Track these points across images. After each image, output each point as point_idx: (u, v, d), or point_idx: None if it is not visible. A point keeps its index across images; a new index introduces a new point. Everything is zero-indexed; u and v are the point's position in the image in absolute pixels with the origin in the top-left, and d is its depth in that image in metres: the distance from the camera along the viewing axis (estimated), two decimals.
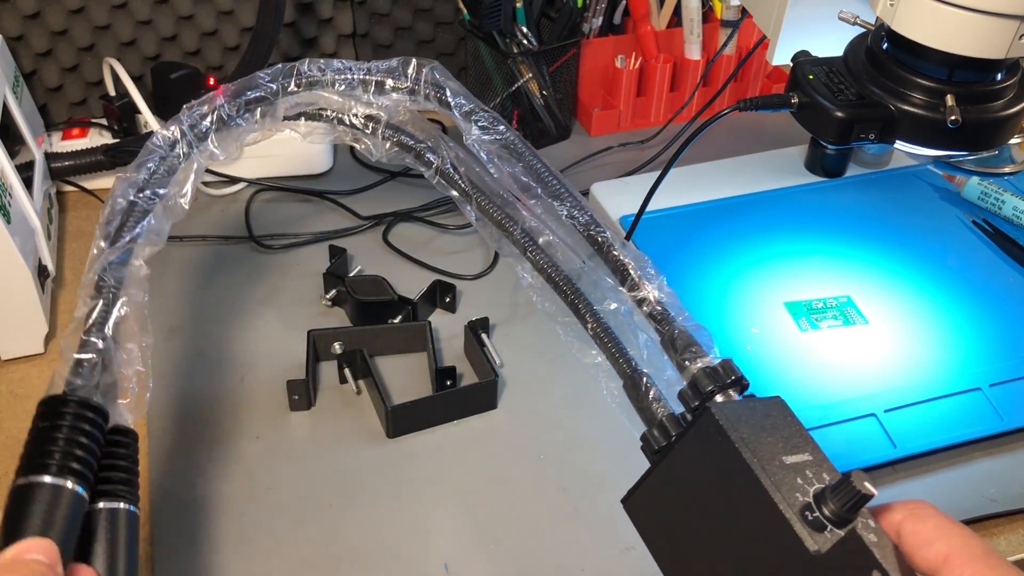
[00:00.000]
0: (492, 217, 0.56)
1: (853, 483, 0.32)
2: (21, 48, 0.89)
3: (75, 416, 0.39)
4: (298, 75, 0.56)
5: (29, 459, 0.38)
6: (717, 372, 0.42)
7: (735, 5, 0.94)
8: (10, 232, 0.67)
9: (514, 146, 0.56)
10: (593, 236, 0.53)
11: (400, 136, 0.59)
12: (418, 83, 0.57)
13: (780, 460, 0.35)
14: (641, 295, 0.49)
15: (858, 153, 0.90)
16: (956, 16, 0.54)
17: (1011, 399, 0.65)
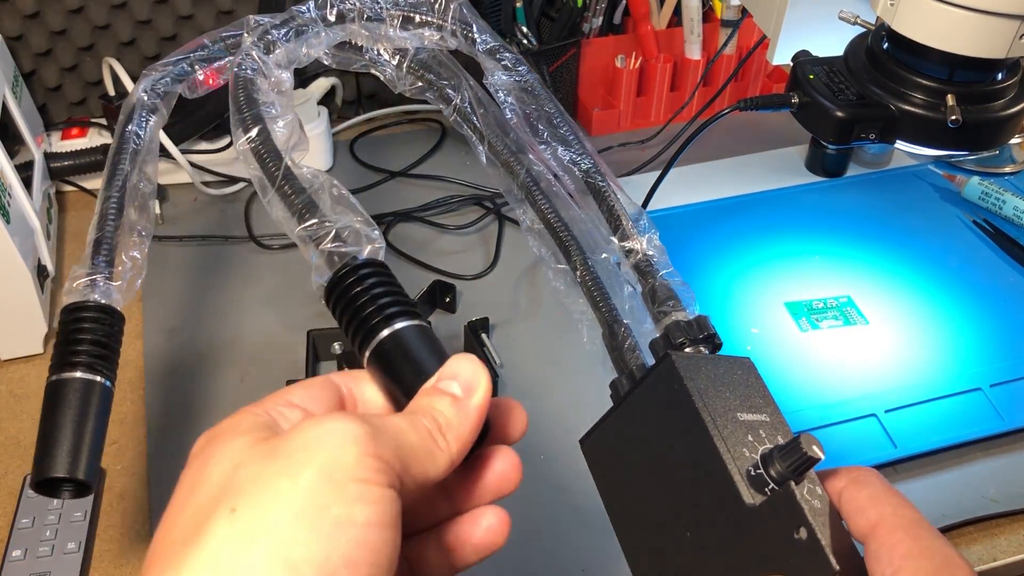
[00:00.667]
0: (501, 158, 0.57)
1: (801, 445, 0.32)
2: (21, 48, 0.89)
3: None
4: (330, 6, 0.57)
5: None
6: (691, 326, 0.43)
7: (735, 5, 0.94)
8: (9, 232, 0.67)
9: (532, 88, 0.57)
10: (592, 183, 0.53)
11: (424, 72, 0.59)
12: (445, 18, 0.58)
13: (734, 416, 0.35)
14: (630, 246, 0.50)
15: (858, 153, 0.90)
16: (956, 16, 0.54)
17: (1011, 399, 0.65)
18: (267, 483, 0.26)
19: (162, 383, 0.69)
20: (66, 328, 0.46)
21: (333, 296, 0.37)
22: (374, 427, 0.28)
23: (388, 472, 0.28)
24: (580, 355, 0.73)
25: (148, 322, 0.75)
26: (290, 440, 0.27)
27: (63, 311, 0.47)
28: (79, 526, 0.59)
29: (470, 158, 0.96)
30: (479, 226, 0.87)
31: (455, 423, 0.31)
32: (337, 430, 0.27)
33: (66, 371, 0.44)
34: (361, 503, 0.26)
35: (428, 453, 0.30)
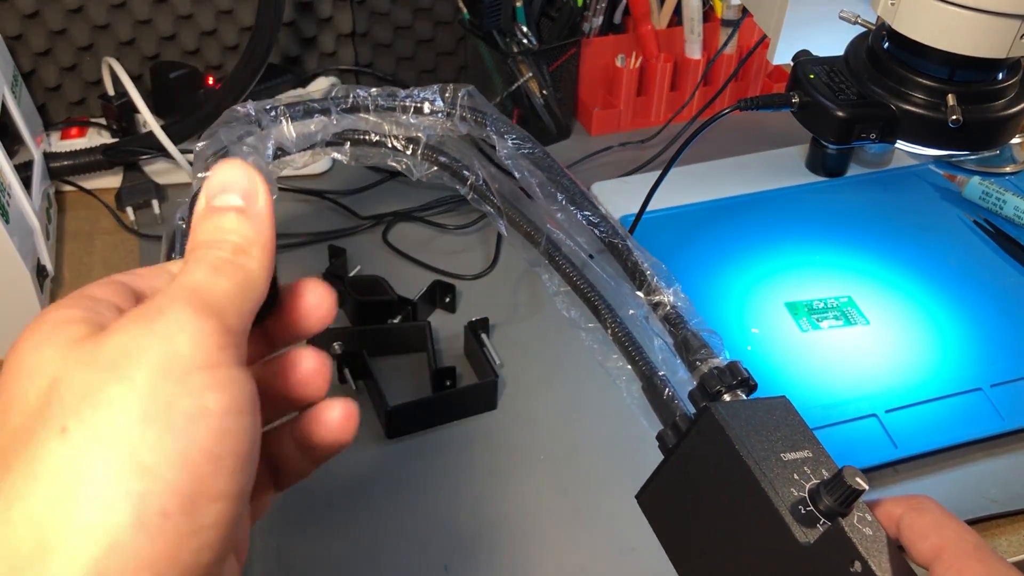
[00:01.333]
0: (521, 229, 0.60)
1: (845, 478, 0.34)
2: (20, 47, 0.89)
3: None
4: (345, 97, 0.61)
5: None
6: (724, 373, 0.44)
7: (736, 4, 0.94)
8: (9, 232, 0.67)
9: (541, 160, 0.60)
10: (613, 243, 0.55)
11: (438, 156, 0.63)
12: (454, 106, 0.62)
13: (777, 456, 0.37)
14: (657, 299, 0.51)
15: (859, 153, 0.90)
16: (957, 15, 0.54)
17: (1012, 399, 0.65)
18: (98, 394, 0.23)
19: None
20: None
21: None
22: (193, 298, 0.25)
23: (230, 343, 0.25)
24: (580, 355, 0.73)
25: None
26: (109, 343, 0.24)
27: None
28: None
29: None
30: (479, 226, 0.87)
31: (252, 234, 0.27)
32: (158, 322, 0.24)
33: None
34: (211, 390, 0.24)
35: (244, 284, 0.27)
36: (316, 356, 0.31)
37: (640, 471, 0.64)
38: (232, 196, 0.28)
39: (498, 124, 0.61)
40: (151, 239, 0.83)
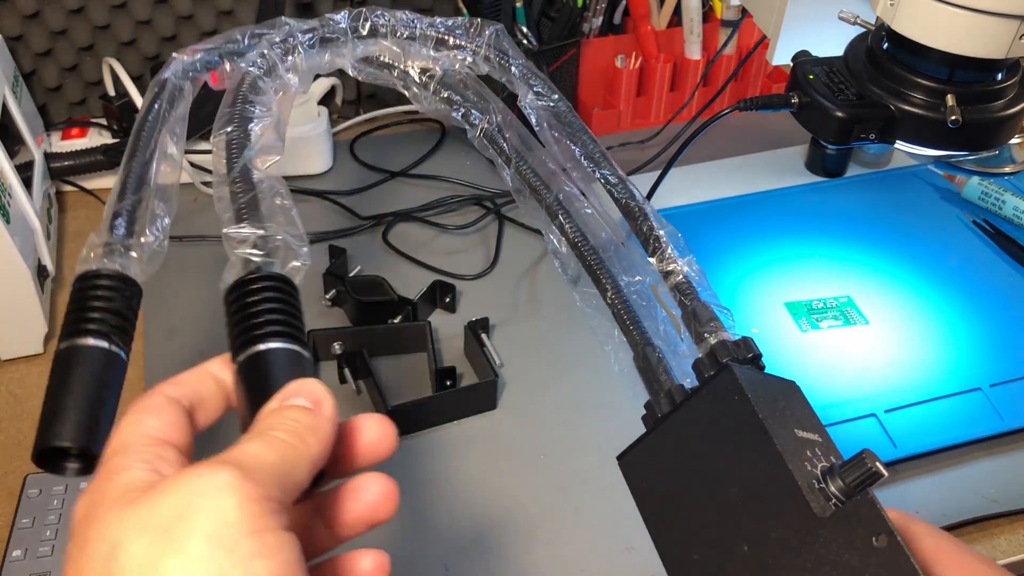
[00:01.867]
0: (528, 182, 0.56)
1: (865, 460, 0.32)
2: (21, 48, 0.89)
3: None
4: (364, 19, 0.57)
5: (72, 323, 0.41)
6: (738, 346, 0.42)
7: (735, 5, 0.94)
8: (9, 232, 0.67)
9: (563, 115, 0.57)
10: (630, 206, 0.52)
11: (451, 93, 0.59)
12: (480, 43, 0.58)
13: (792, 431, 0.35)
14: (669, 267, 0.49)
15: (858, 153, 0.90)
16: (956, 16, 0.54)
17: (1011, 399, 0.65)
18: (159, 568, 0.25)
19: None
20: (80, 295, 0.43)
21: (231, 297, 0.39)
22: (238, 466, 0.27)
23: (274, 510, 0.27)
24: (580, 355, 0.73)
25: (148, 322, 0.75)
26: (161, 507, 0.26)
27: (77, 278, 0.44)
28: None
29: (470, 158, 0.96)
30: (479, 226, 0.87)
31: (312, 426, 0.30)
32: (207, 484, 0.26)
33: (79, 338, 0.41)
34: (260, 558, 0.25)
35: (292, 456, 0.29)
36: (383, 483, 0.32)
37: None
38: (302, 400, 0.31)
39: (523, 69, 0.58)
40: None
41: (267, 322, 0.36)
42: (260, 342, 0.35)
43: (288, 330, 0.36)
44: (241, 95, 0.51)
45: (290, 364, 0.35)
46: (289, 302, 0.38)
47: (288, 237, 0.44)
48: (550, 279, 0.81)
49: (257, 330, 0.36)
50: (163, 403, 0.32)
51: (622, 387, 0.64)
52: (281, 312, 0.37)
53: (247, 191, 0.46)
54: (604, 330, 0.51)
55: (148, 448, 0.29)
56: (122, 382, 0.42)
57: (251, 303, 0.38)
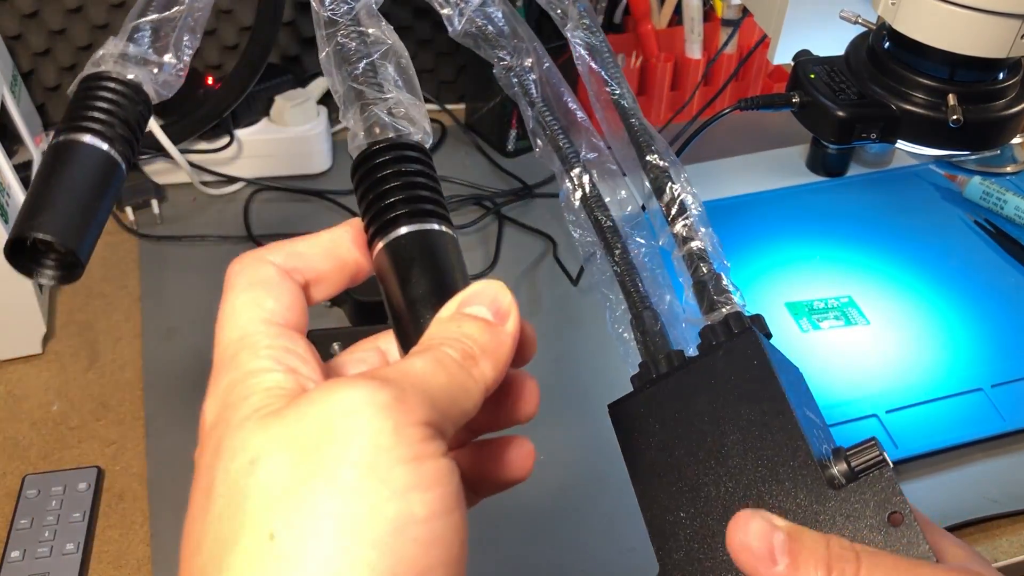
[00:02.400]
0: (549, 131, 0.54)
1: (874, 446, 0.31)
2: (19, 47, 0.89)
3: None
4: None
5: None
6: (755, 319, 0.41)
7: (736, 4, 0.94)
8: (8, 232, 0.67)
9: (603, 55, 0.55)
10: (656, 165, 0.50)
11: (486, 23, 0.55)
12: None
13: (801, 406, 0.34)
14: (689, 233, 0.48)
15: (859, 153, 0.90)
16: (958, 15, 0.54)
17: (1013, 400, 0.65)
18: (304, 495, 0.22)
19: (161, 383, 0.69)
20: (86, 94, 0.38)
21: (362, 169, 0.32)
22: (398, 384, 0.24)
23: (434, 436, 0.24)
24: (580, 355, 0.73)
25: (148, 322, 0.75)
26: (310, 423, 0.23)
27: (85, 78, 0.39)
28: (78, 526, 0.59)
29: (470, 158, 0.96)
30: (479, 226, 0.86)
31: (490, 347, 0.27)
32: (361, 403, 0.23)
33: (78, 134, 0.36)
34: (417, 491, 0.22)
35: (461, 387, 0.25)
36: (527, 445, 0.31)
37: None
38: (483, 308, 0.27)
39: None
40: (150, 239, 0.83)
41: (422, 199, 0.30)
42: (415, 221, 0.30)
43: (436, 208, 0.31)
44: None
45: (451, 253, 0.30)
46: (434, 177, 0.32)
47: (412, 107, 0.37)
48: (550, 279, 0.80)
49: (407, 206, 0.30)
50: (277, 278, 0.28)
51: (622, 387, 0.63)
52: (431, 189, 0.31)
53: (361, 48, 0.38)
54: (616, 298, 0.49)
55: (275, 341, 0.26)
56: (118, 192, 0.37)
57: (395, 174, 0.31)
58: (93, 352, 0.72)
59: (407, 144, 0.32)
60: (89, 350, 0.73)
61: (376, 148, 0.32)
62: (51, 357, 0.72)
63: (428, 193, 0.31)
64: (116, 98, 0.38)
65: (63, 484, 0.61)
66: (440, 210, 0.31)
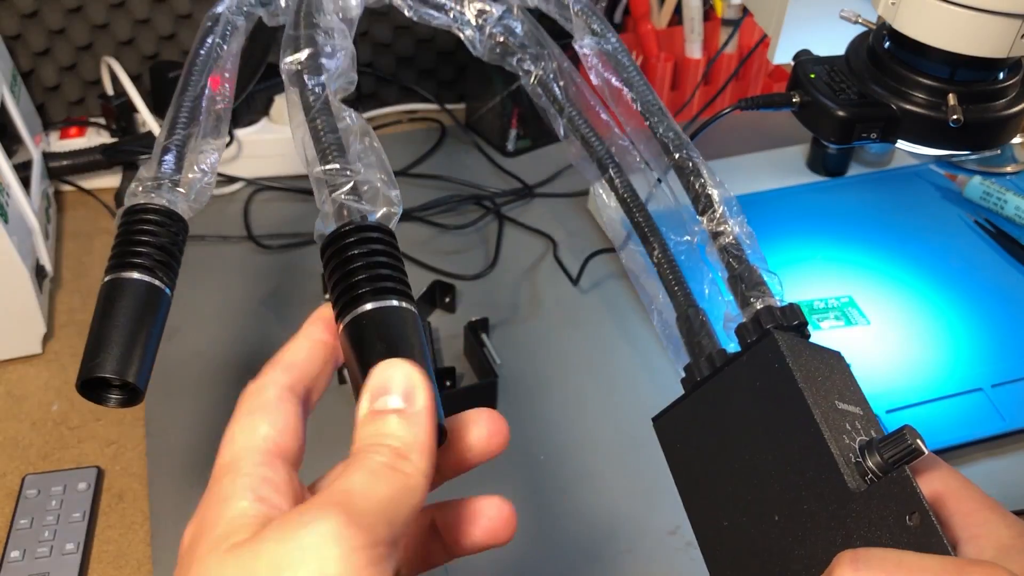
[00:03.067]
0: (580, 133, 0.55)
1: (906, 436, 0.31)
2: (19, 47, 0.89)
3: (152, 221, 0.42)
4: None
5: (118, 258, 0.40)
6: (783, 312, 0.41)
7: (736, 4, 0.94)
8: (8, 232, 0.67)
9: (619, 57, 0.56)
10: (680, 161, 0.50)
11: (507, 36, 0.57)
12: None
13: (832, 402, 0.34)
14: (719, 228, 0.48)
15: (860, 152, 0.90)
16: (958, 15, 0.54)
17: (1013, 400, 0.65)
18: None
19: (162, 383, 0.69)
20: (127, 229, 0.42)
21: (330, 251, 0.36)
22: (344, 509, 0.25)
23: (382, 556, 0.25)
24: (580, 355, 0.73)
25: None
26: (263, 558, 0.25)
27: (124, 212, 0.43)
28: (78, 526, 0.59)
29: (470, 158, 0.96)
30: (479, 226, 0.86)
31: (411, 438, 0.28)
32: (310, 534, 0.25)
33: (124, 272, 0.41)
34: None
35: (402, 490, 0.27)
36: (503, 507, 0.33)
37: (640, 472, 0.64)
38: (393, 398, 0.29)
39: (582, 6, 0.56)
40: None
41: (382, 277, 0.34)
42: (375, 299, 0.33)
43: (394, 285, 0.34)
44: (306, 16, 0.49)
45: (398, 324, 0.33)
46: (395, 255, 0.35)
47: (379, 182, 0.41)
48: (550, 279, 0.80)
49: (369, 285, 0.34)
50: (275, 399, 0.31)
51: (622, 387, 0.64)
52: (392, 267, 0.35)
53: (331, 129, 0.42)
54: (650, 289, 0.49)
55: (257, 469, 0.28)
56: (165, 317, 0.43)
57: (359, 255, 0.35)
58: None
59: (368, 227, 0.36)
60: None
61: (338, 233, 0.36)
62: (51, 357, 0.72)
63: (387, 271, 0.34)
64: (154, 228, 0.43)
65: (63, 484, 0.61)
66: (399, 286, 0.34)
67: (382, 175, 0.40)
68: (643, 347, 0.73)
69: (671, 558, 0.58)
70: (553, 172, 0.93)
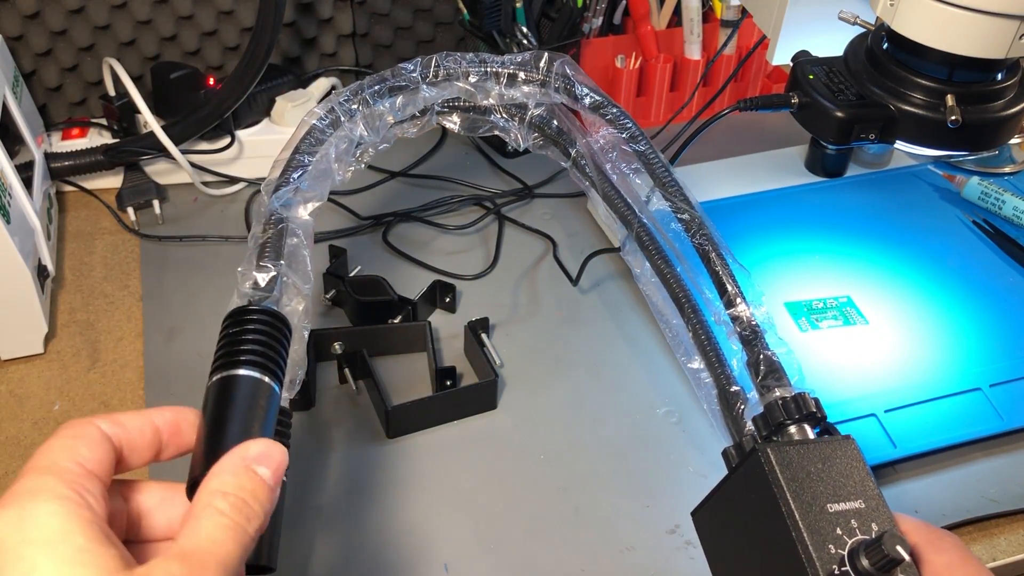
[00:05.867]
0: (617, 210, 0.59)
1: (884, 545, 0.33)
2: (21, 48, 0.89)
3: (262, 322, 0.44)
4: (436, 66, 0.60)
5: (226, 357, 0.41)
6: (790, 405, 0.43)
7: (735, 5, 0.94)
8: (10, 232, 0.67)
9: (637, 141, 0.59)
10: (700, 245, 0.54)
11: (545, 127, 0.63)
12: (548, 76, 0.60)
13: (823, 507, 0.36)
14: (737, 313, 0.50)
15: (858, 153, 0.90)
16: (956, 16, 0.54)
17: (1011, 399, 0.65)
18: None
19: (162, 383, 0.70)
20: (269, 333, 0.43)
21: (224, 325, 0.42)
22: (206, 561, 0.29)
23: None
24: (580, 355, 0.73)
25: (148, 322, 0.75)
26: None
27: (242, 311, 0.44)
28: None
29: (470, 158, 0.96)
30: (479, 226, 0.87)
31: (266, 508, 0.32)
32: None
33: (241, 369, 0.40)
34: None
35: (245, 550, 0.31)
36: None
37: (639, 472, 0.64)
38: (266, 471, 0.33)
39: (590, 97, 0.60)
40: (152, 239, 0.83)
41: (249, 351, 0.39)
42: (232, 368, 0.38)
43: (267, 365, 0.38)
44: (298, 145, 0.59)
45: (254, 393, 0.37)
46: (276, 337, 0.40)
47: (294, 277, 0.51)
48: (550, 279, 0.81)
49: (233, 356, 0.38)
50: (98, 437, 0.32)
51: (622, 387, 0.65)
52: (265, 345, 0.39)
53: (266, 233, 0.52)
54: (681, 357, 0.54)
55: (77, 476, 0.30)
56: (276, 412, 0.43)
57: (238, 333, 0.40)
58: (95, 352, 0.73)
59: (259, 311, 0.42)
60: (91, 350, 0.73)
61: (236, 311, 0.42)
62: (53, 357, 0.72)
63: (256, 348, 0.39)
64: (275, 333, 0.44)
65: None
66: (262, 361, 0.38)
67: (299, 271, 0.53)
68: (643, 347, 0.73)
69: (671, 557, 0.58)
70: (553, 172, 0.93)
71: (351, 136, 0.60)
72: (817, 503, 0.36)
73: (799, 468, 0.37)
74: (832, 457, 0.38)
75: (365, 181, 0.91)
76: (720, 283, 0.51)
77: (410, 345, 0.72)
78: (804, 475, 0.37)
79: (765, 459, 0.37)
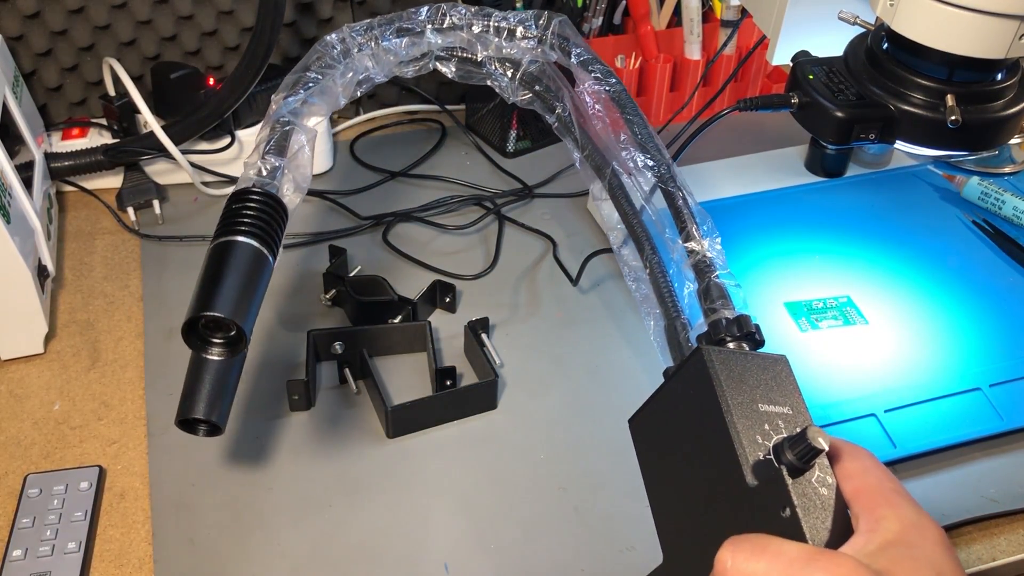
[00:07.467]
0: (594, 163, 0.64)
1: (807, 436, 0.35)
2: (21, 48, 0.89)
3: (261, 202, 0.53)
4: (443, 14, 0.65)
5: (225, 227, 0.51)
6: (732, 324, 0.47)
7: (735, 5, 0.94)
8: (10, 232, 0.67)
9: (619, 98, 0.63)
10: (665, 188, 0.58)
11: (534, 84, 0.67)
12: (545, 33, 0.65)
13: (754, 406, 0.39)
14: (692, 247, 0.54)
15: (858, 153, 0.90)
16: (956, 16, 0.54)
17: (1011, 399, 0.65)
18: None
19: (163, 382, 0.70)
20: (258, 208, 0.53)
21: (228, 201, 0.50)
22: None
23: None
24: (580, 355, 0.73)
25: (148, 322, 0.75)
26: None
27: (245, 192, 0.54)
28: (79, 526, 0.59)
29: (470, 158, 0.96)
30: (479, 226, 0.87)
31: None
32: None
33: (239, 236, 0.50)
34: None
35: None
36: None
37: (639, 472, 0.64)
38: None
39: (583, 56, 0.64)
40: (152, 239, 0.83)
41: (241, 222, 0.45)
42: (232, 235, 0.45)
43: (256, 232, 0.46)
44: (308, 64, 0.63)
45: (248, 257, 0.45)
46: (273, 216, 0.47)
47: (294, 173, 0.56)
48: (550, 279, 0.81)
49: (234, 227, 0.45)
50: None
51: (622, 387, 0.65)
52: (260, 220, 0.46)
53: (274, 132, 0.58)
54: (640, 293, 0.57)
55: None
56: (267, 284, 0.51)
57: (235, 209, 0.47)
58: (95, 352, 0.73)
59: (261, 192, 0.51)
60: (91, 350, 0.73)
61: (241, 190, 0.50)
62: (53, 357, 0.72)
63: (250, 221, 0.48)
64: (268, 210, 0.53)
65: (65, 483, 0.62)
66: (251, 230, 0.48)
67: (300, 170, 0.58)
68: (643, 347, 0.73)
69: None
70: (553, 172, 0.93)
71: (357, 66, 0.64)
72: (750, 402, 0.39)
73: (736, 369, 0.40)
74: (767, 369, 0.41)
75: (365, 181, 0.91)
76: (679, 218, 0.55)
77: (410, 345, 0.72)
78: (740, 376, 0.40)
79: (707, 355, 0.40)
